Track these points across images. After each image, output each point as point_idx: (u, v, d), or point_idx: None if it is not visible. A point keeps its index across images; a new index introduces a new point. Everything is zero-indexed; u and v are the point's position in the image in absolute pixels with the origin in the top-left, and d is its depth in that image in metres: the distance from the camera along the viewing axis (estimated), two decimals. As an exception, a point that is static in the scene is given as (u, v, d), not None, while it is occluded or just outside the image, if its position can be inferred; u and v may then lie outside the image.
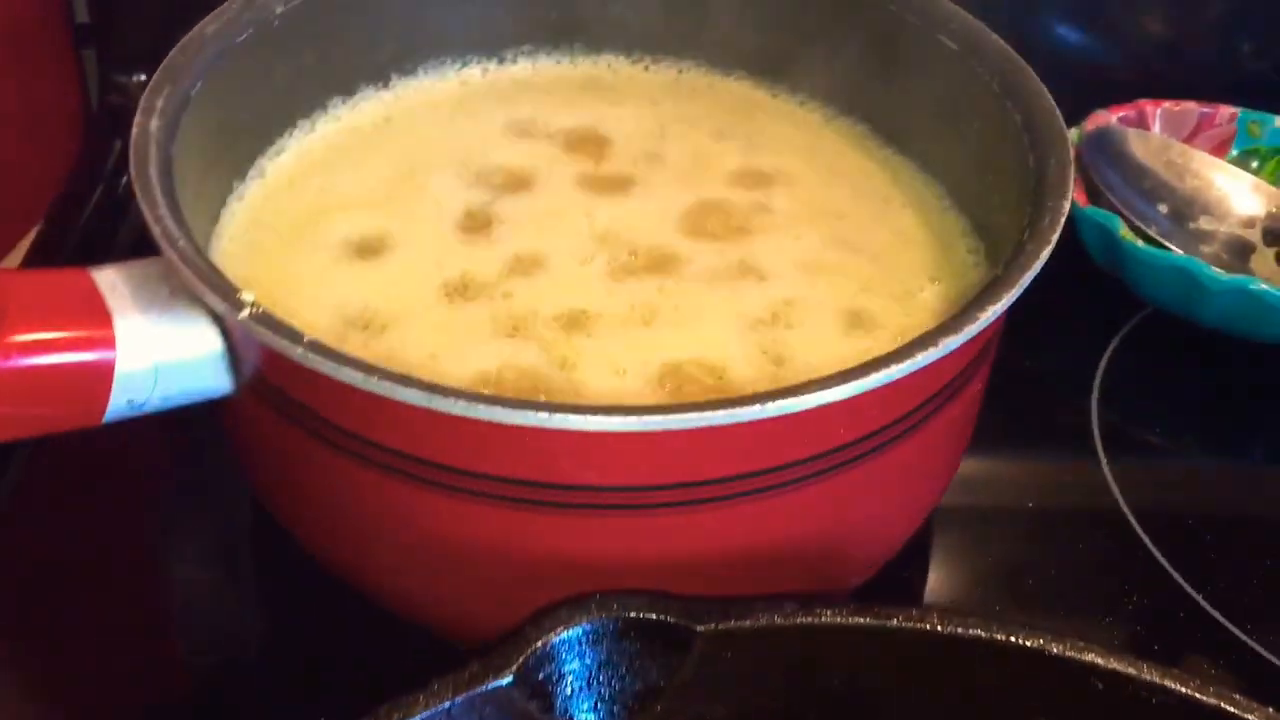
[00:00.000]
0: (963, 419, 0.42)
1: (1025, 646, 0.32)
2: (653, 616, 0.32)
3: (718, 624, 0.32)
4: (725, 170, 0.49)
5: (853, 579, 0.42)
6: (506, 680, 0.31)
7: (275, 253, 0.44)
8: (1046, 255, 0.37)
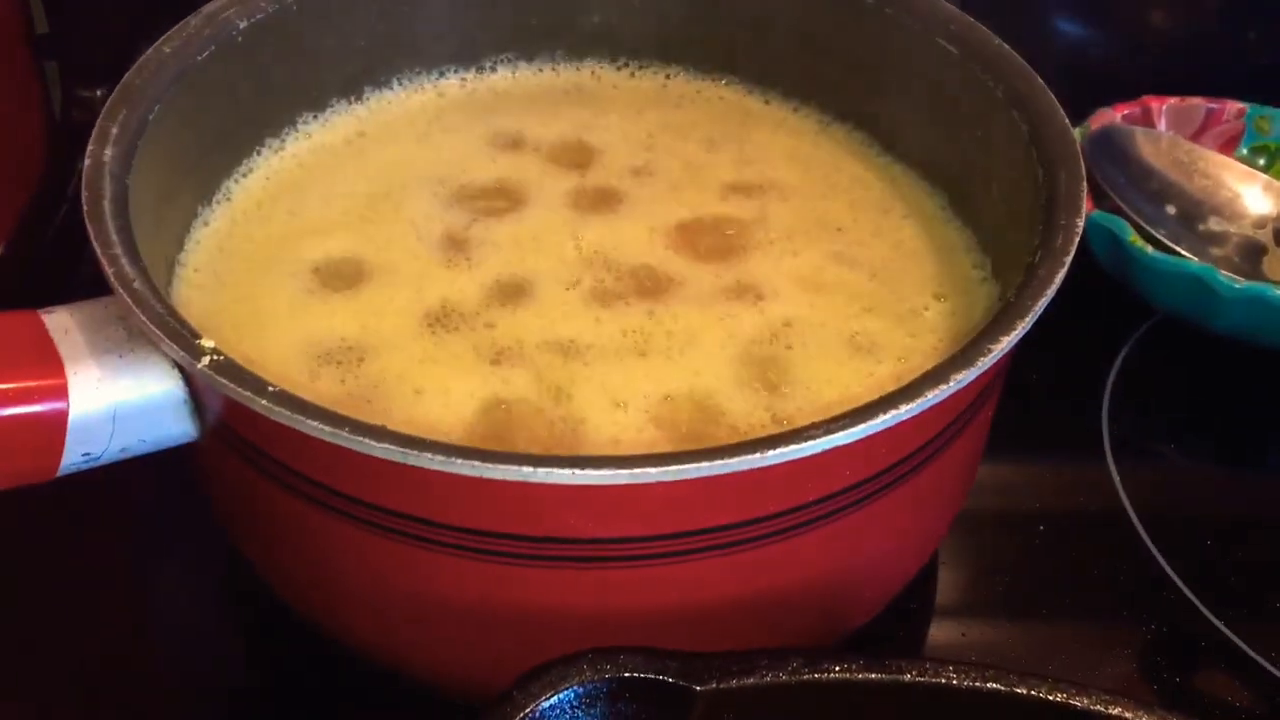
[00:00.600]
0: (973, 447, 0.40)
1: (1048, 700, 0.32)
2: (649, 676, 0.31)
3: (719, 683, 0.31)
4: (717, 182, 0.47)
5: (861, 619, 0.40)
6: (493, 751, 0.29)
7: (244, 282, 0.42)
8: (1060, 279, 0.35)
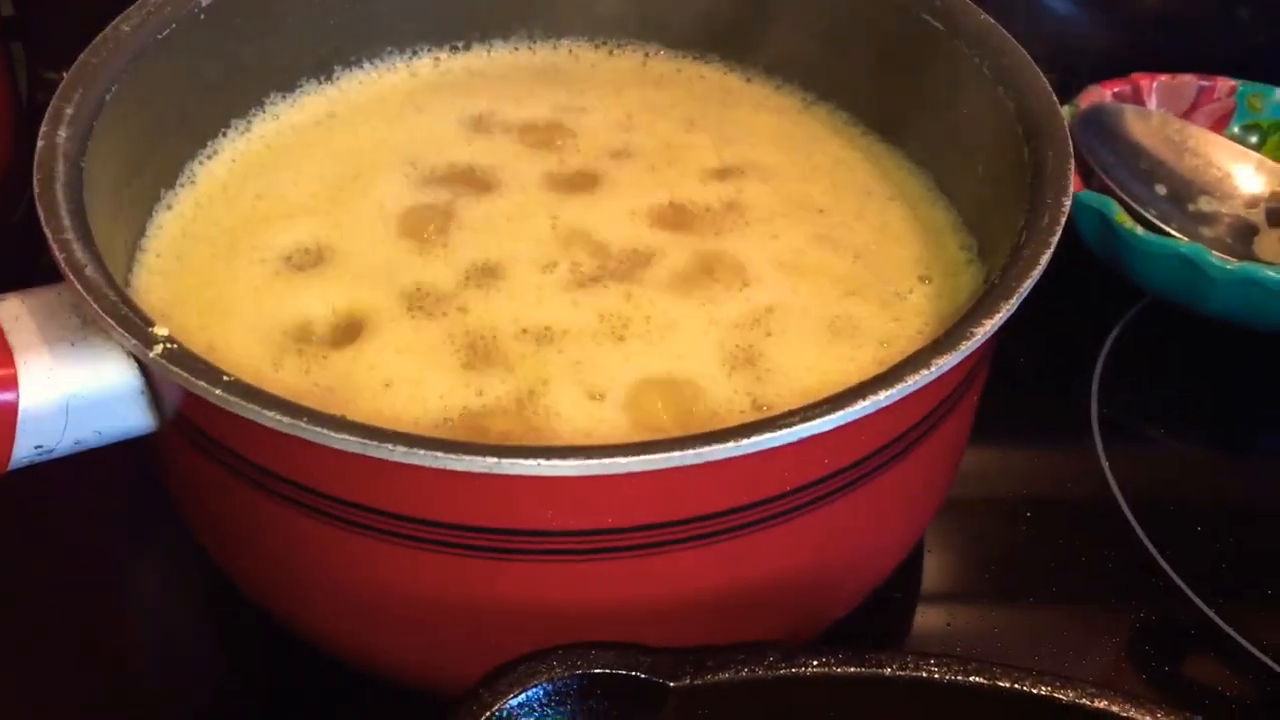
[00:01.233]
0: (958, 433, 0.39)
1: (1031, 693, 0.31)
2: (621, 672, 0.30)
3: (693, 679, 0.30)
4: (697, 164, 0.46)
5: (841, 611, 0.39)
6: (458, 751, 0.28)
7: (208, 267, 0.41)
8: (1046, 260, 0.34)
